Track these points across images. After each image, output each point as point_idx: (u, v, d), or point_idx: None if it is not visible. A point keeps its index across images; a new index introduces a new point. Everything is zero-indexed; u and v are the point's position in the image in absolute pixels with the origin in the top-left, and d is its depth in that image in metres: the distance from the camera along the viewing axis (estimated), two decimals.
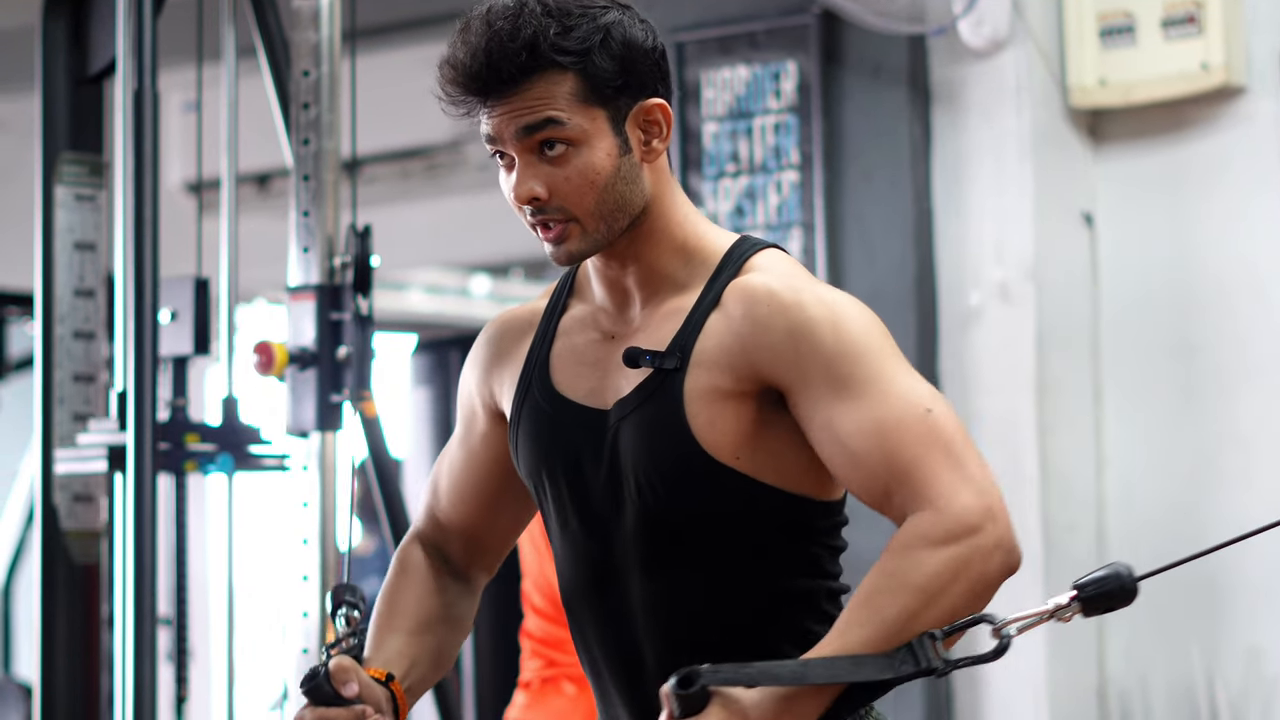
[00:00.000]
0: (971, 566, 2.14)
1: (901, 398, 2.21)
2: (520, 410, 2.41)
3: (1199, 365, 4.61)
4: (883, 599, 2.13)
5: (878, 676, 2.11)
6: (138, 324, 3.73)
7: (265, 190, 6.89)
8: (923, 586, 2.13)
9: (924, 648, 2.11)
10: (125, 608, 3.70)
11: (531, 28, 2.25)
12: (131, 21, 3.81)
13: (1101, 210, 4.73)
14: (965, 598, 2.14)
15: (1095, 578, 2.12)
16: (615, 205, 2.30)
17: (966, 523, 2.15)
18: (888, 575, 2.14)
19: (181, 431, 3.94)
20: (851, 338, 2.24)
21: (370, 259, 3.87)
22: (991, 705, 4.68)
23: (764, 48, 4.87)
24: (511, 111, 2.27)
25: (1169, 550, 4.63)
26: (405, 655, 2.42)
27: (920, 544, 2.14)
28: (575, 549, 2.39)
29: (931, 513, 2.16)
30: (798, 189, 4.82)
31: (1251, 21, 4.55)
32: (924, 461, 2.18)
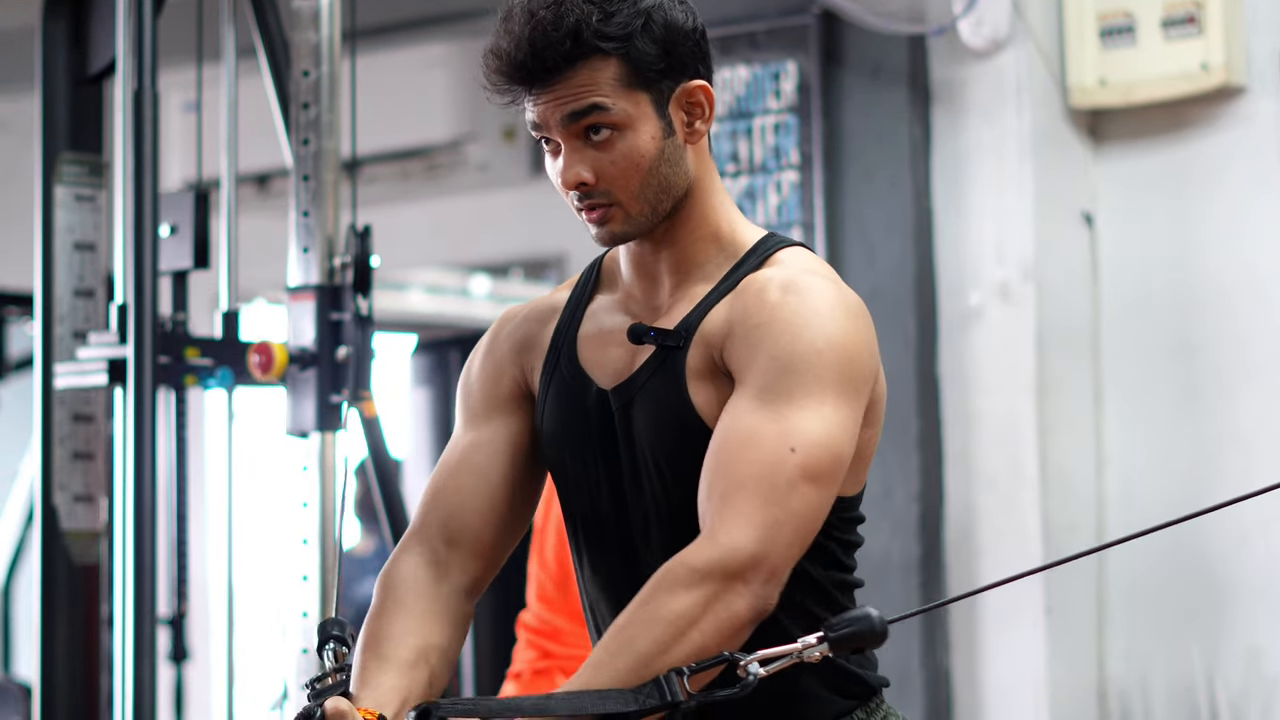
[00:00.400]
0: (724, 612, 2.16)
1: (788, 427, 2.22)
2: (548, 387, 2.43)
3: (1199, 365, 4.61)
4: (635, 631, 2.16)
5: (621, 709, 2.12)
6: (137, 237, 3.72)
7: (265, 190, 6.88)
8: (671, 621, 2.15)
9: (670, 682, 2.12)
10: (125, 608, 3.70)
11: (575, 15, 2.27)
12: (131, 21, 3.81)
13: (1101, 210, 4.73)
14: (713, 638, 2.16)
15: (846, 618, 2.13)
16: (660, 187, 2.33)
17: (728, 564, 2.17)
18: (642, 605, 2.17)
19: (181, 345, 3.91)
20: (803, 351, 2.24)
21: (370, 259, 3.87)
22: (991, 705, 4.68)
23: (764, 48, 4.87)
24: (557, 99, 2.29)
25: (1168, 550, 4.64)
26: (398, 692, 2.32)
27: (677, 576, 2.17)
28: (588, 530, 2.41)
29: (706, 543, 2.19)
30: (798, 189, 4.82)
31: (1251, 22, 4.55)
32: (741, 493, 2.20)
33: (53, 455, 4.00)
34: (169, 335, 3.90)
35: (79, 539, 3.99)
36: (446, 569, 2.44)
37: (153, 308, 3.73)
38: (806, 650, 2.13)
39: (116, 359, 3.79)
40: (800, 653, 2.13)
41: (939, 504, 4.73)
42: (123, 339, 3.77)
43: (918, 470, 4.69)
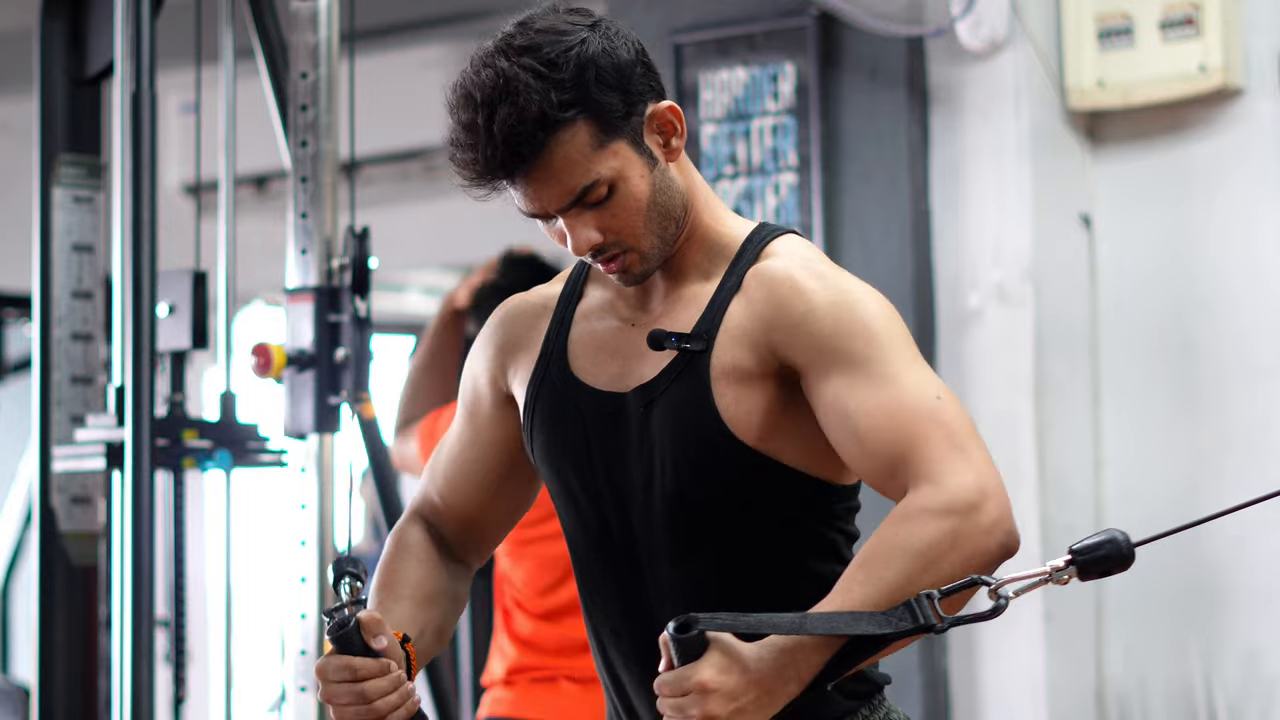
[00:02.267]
0: (970, 540, 2.16)
1: (911, 382, 2.25)
2: (537, 395, 2.43)
3: (1197, 366, 4.61)
4: (881, 563, 2.15)
5: (875, 631, 2.12)
6: (135, 319, 3.73)
7: (263, 192, 6.89)
8: (921, 552, 2.15)
9: (922, 606, 2.12)
10: (123, 609, 3.70)
11: (535, 101, 2.26)
12: (130, 23, 3.81)
13: (1100, 211, 4.73)
14: (962, 569, 2.15)
15: (1092, 543, 2.14)
16: (662, 217, 2.34)
17: (966, 499, 2.17)
18: (886, 541, 2.17)
19: (179, 428, 3.93)
20: (866, 321, 2.27)
21: (368, 260, 3.87)
22: (990, 706, 4.68)
23: (762, 49, 4.87)
24: (544, 185, 2.30)
25: (1167, 550, 4.64)
26: (414, 622, 2.43)
27: (919, 514, 2.17)
28: (593, 536, 2.40)
29: (931, 487, 2.18)
30: (796, 191, 4.82)
31: (1250, 23, 4.55)
32: (927, 443, 2.21)
33: (50, 457, 4.00)
34: (167, 418, 3.91)
35: (77, 541, 3.99)
36: (447, 545, 2.54)
37: (150, 391, 3.72)
38: (1056, 574, 2.14)
39: (114, 442, 3.79)
40: (1050, 575, 2.15)
41: None
42: (120, 422, 3.76)
43: None
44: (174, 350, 3.99)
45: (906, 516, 2.17)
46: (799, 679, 2.13)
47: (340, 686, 2.30)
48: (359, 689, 2.29)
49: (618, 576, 2.38)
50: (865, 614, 2.12)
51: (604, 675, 2.44)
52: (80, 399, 4.04)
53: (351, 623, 2.29)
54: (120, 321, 3.76)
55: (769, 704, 2.12)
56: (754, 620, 2.13)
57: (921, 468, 2.20)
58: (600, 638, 2.43)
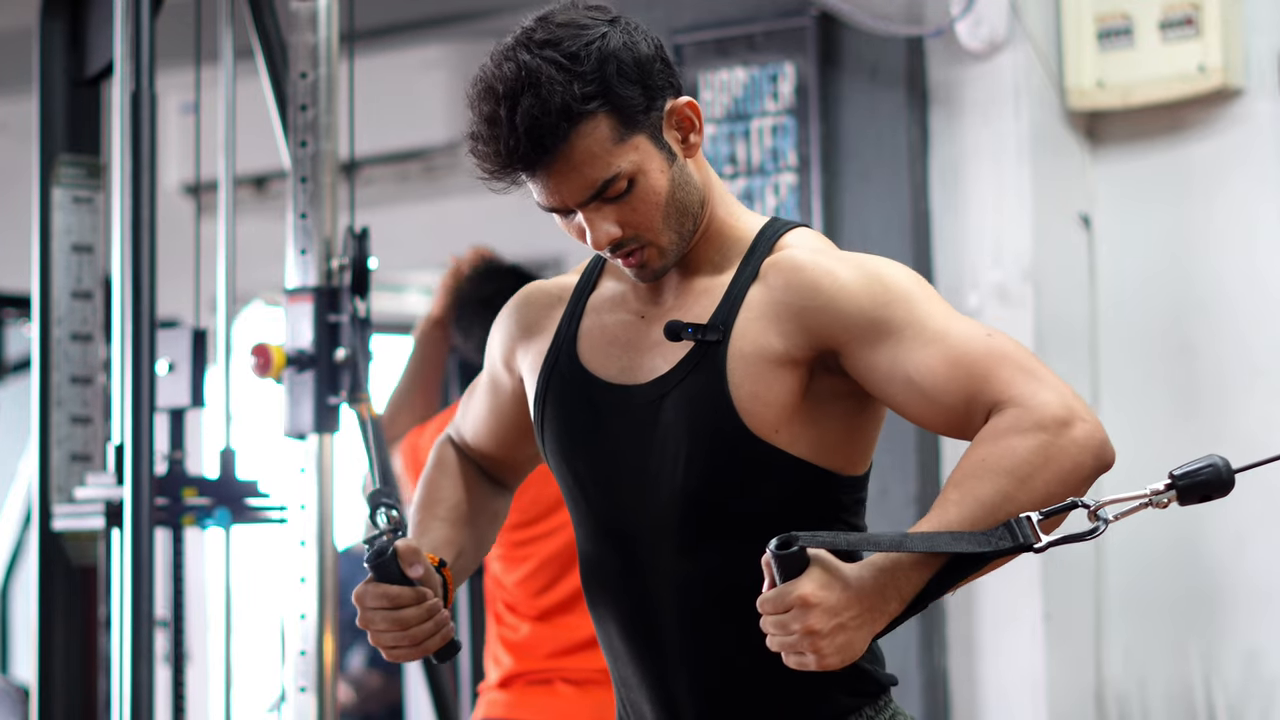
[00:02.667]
0: (1064, 454, 2.18)
1: (960, 330, 2.28)
2: (547, 387, 2.45)
3: (1197, 366, 4.61)
4: (975, 483, 2.16)
5: (974, 549, 2.13)
6: (135, 377, 3.71)
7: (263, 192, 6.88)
8: (1013, 469, 2.16)
9: (1021, 526, 2.13)
10: (122, 610, 3.70)
11: (558, 93, 2.27)
12: (129, 23, 3.81)
13: (1099, 212, 4.73)
14: (1057, 485, 2.17)
15: (1192, 467, 2.15)
16: (680, 212, 2.35)
17: (1054, 415, 2.19)
18: (979, 460, 2.17)
19: (179, 485, 3.94)
20: (898, 288, 2.30)
21: (368, 261, 3.86)
22: (990, 706, 4.68)
23: (762, 50, 4.87)
24: (564, 180, 2.31)
25: (1167, 552, 4.64)
26: (452, 543, 2.52)
27: (1007, 433, 2.18)
28: (600, 530, 2.41)
29: (1014, 409, 2.20)
30: (795, 191, 4.82)
31: (1249, 23, 4.55)
32: (997, 376, 2.23)
33: (50, 457, 4.00)
34: (167, 476, 3.91)
35: (77, 541, 3.98)
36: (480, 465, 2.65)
37: (149, 449, 3.71)
38: (1155, 497, 2.16)
39: (114, 501, 3.79)
40: (1150, 499, 2.16)
41: None
42: (120, 480, 3.76)
43: (915, 471, 4.69)
44: (173, 408, 3.99)
45: (996, 436, 2.18)
46: (900, 597, 2.14)
47: (377, 614, 2.38)
48: (396, 616, 2.37)
49: (623, 569, 2.39)
50: (965, 533, 2.13)
51: (611, 668, 2.45)
52: (80, 399, 4.04)
53: (389, 551, 2.37)
54: (120, 379, 3.74)
55: (870, 622, 2.13)
56: (855, 538, 2.15)
57: (999, 397, 2.21)
58: (606, 631, 2.44)
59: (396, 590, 2.38)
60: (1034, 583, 4.58)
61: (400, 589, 2.38)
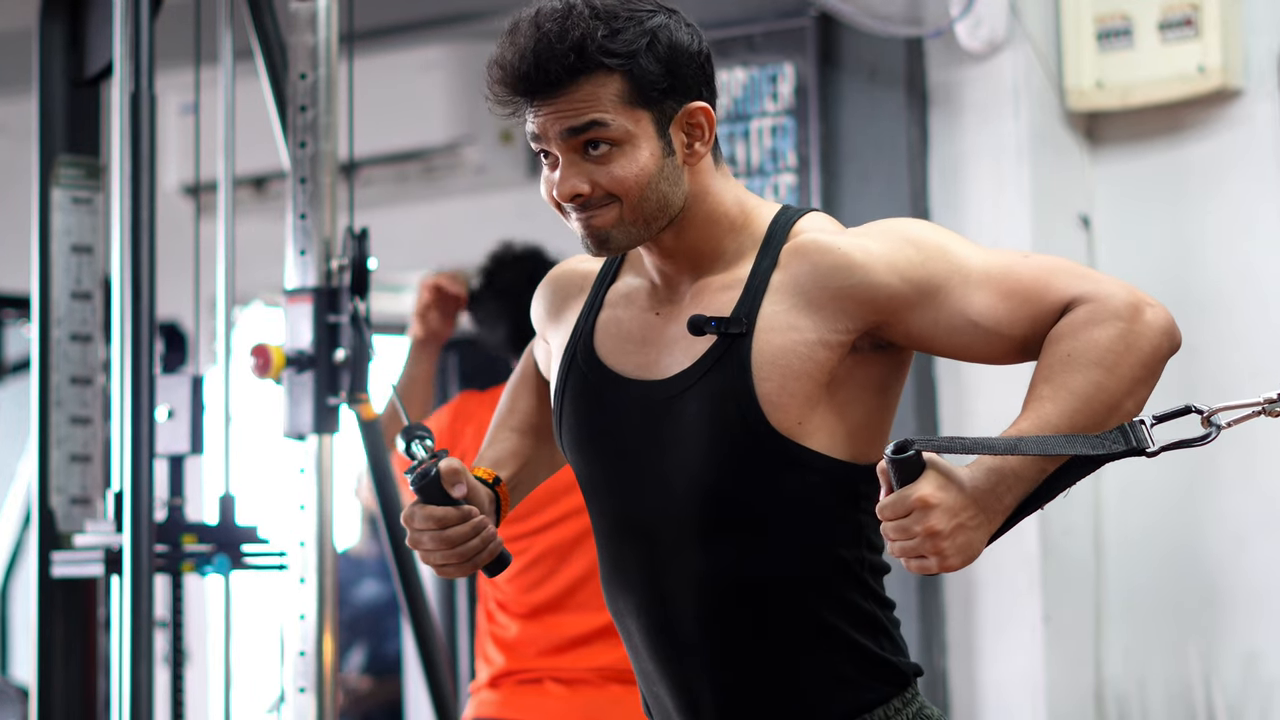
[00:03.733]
0: (1143, 339, 2.22)
1: (1001, 260, 2.30)
2: (565, 382, 2.46)
3: (1196, 367, 4.61)
4: (1065, 375, 2.19)
5: (1090, 451, 2.16)
6: (135, 424, 3.70)
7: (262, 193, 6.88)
8: (1099, 360, 2.20)
9: (1135, 429, 2.19)
10: (122, 611, 3.70)
11: (580, 30, 2.29)
12: (129, 24, 3.81)
13: (1099, 212, 4.73)
14: (1141, 369, 2.22)
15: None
16: (656, 205, 2.35)
17: (1126, 302, 2.22)
18: (1063, 354, 2.20)
19: (178, 532, 3.92)
20: (929, 241, 2.31)
21: (367, 261, 3.86)
22: (989, 707, 4.68)
23: (761, 50, 4.87)
24: (558, 112, 2.31)
25: (1167, 553, 4.64)
26: (518, 454, 2.57)
27: (1087, 325, 2.21)
28: (618, 525, 2.42)
29: (1086, 305, 2.23)
30: (795, 191, 4.82)
31: (1249, 24, 4.55)
32: (1054, 285, 2.25)
33: (50, 458, 4.00)
34: (166, 523, 3.90)
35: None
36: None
37: (149, 496, 3.70)
38: (1269, 405, 2.21)
39: (113, 548, 3.78)
40: (1264, 406, 2.21)
41: None
42: (119, 528, 3.75)
43: None
44: (172, 455, 3.99)
45: (1074, 329, 2.22)
46: (1013, 496, 2.17)
47: (425, 534, 2.42)
48: (442, 535, 2.41)
49: (642, 564, 2.39)
50: (1079, 436, 2.16)
51: (633, 661, 2.45)
52: (79, 400, 4.04)
53: (433, 473, 2.40)
54: (119, 424, 3.74)
55: (986, 523, 2.16)
56: (970, 441, 2.17)
57: (1065, 300, 2.24)
58: (625, 625, 2.44)
59: (442, 511, 2.41)
60: (1033, 584, 4.58)
61: (445, 509, 2.41)
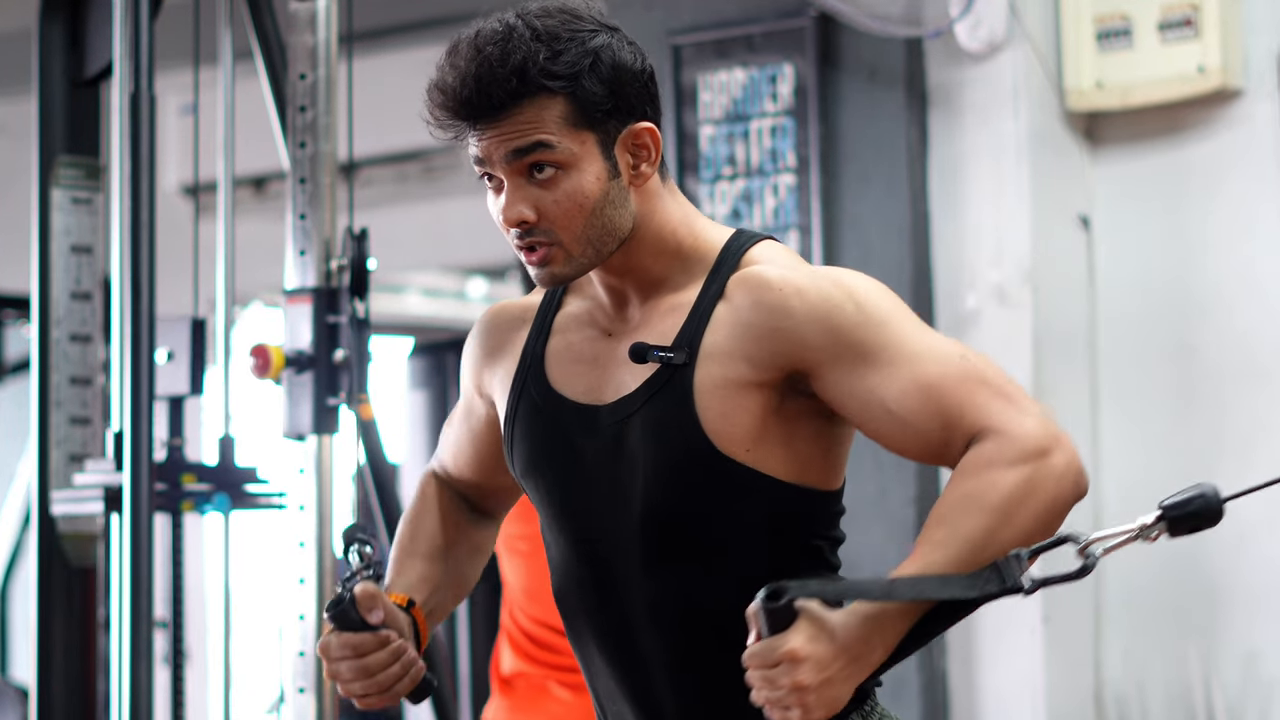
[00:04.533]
0: (1044, 486, 2.13)
1: (934, 352, 2.24)
2: (515, 409, 2.41)
3: (1196, 367, 4.61)
4: (960, 519, 2.13)
5: (964, 594, 2.10)
6: (134, 365, 3.71)
7: (262, 193, 6.89)
8: (998, 506, 2.12)
9: (1009, 566, 2.10)
10: (121, 611, 3.70)
11: (521, 53, 2.25)
12: (128, 24, 3.81)
13: (1098, 213, 4.73)
14: (1040, 518, 2.13)
15: (1181, 499, 2.10)
16: (603, 229, 2.30)
17: (1036, 445, 2.14)
18: (962, 496, 2.14)
19: (178, 472, 3.94)
20: (872, 307, 2.26)
21: (367, 262, 3.87)
22: (989, 708, 4.68)
23: (761, 50, 4.87)
24: (501, 135, 2.28)
25: (1166, 555, 4.63)
26: (428, 580, 2.48)
27: (990, 466, 2.14)
28: (573, 549, 2.38)
29: (996, 439, 2.15)
30: (794, 192, 4.82)
31: (1248, 24, 4.55)
32: (974, 401, 2.18)
33: (50, 458, 4.00)
34: (165, 462, 3.91)
35: (75, 542, 3.98)
36: (466, 495, 2.60)
37: (149, 435, 3.72)
38: (1145, 531, 2.11)
39: (112, 487, 3.79)
40: (1139, 532, 2.11)
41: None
42: (119, 466, 3.76)
43: (914, 473, 4.69)
44: (172, 396, 4.00)
45: (978, 469, 2.14)
46: (885, 646, 2.12)
47: (343, 664, 2.35)
48: (360, 664, 2.34)
49: (598, 587, 2.36)
50: (953, 577, 2.10)
51: (591, 688, 2.43)
52: (79, 400, 4.04)
53: (347, 599, 2.33)
54: (119, 366, 3.75)
55: (856, 673, 2.11)
56: (843, 587, 2.12)
57: (978, 424, 2.17)
58: (584, 647, 2.41)
59: (359, 638, 2.33)
60: None
61: (362, 636, 2.33)
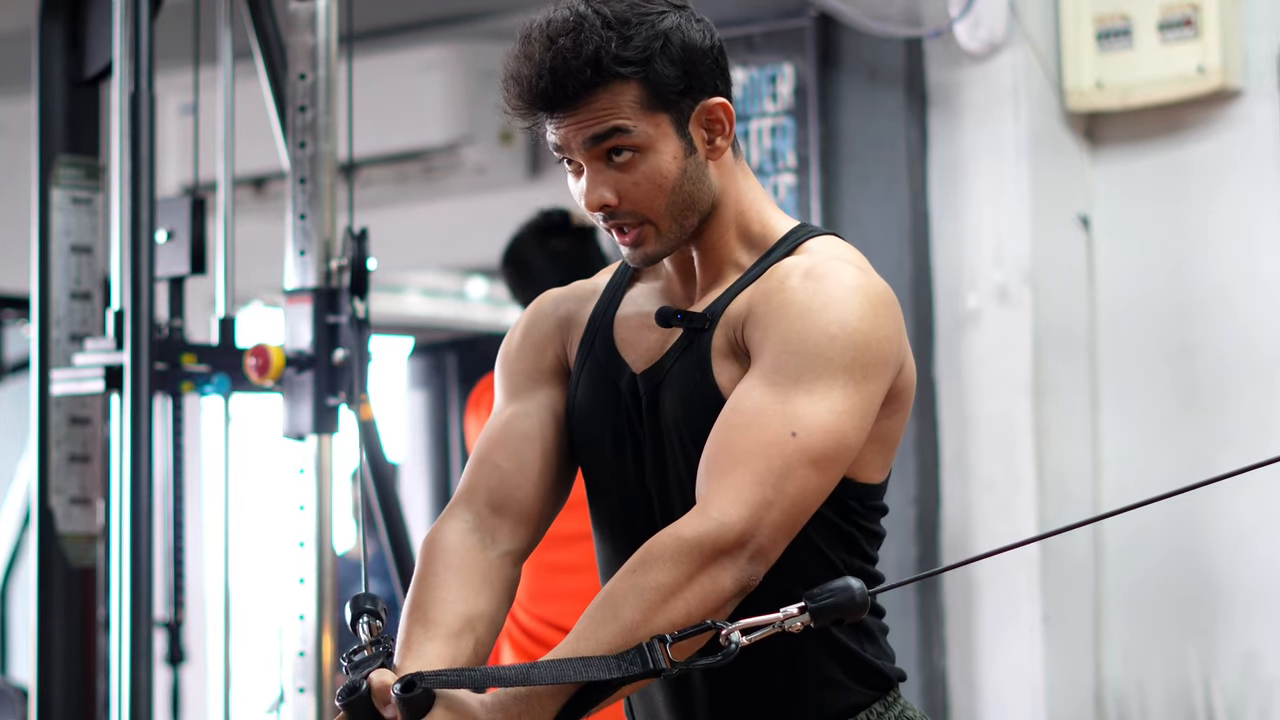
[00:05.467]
0: (707, 578, 2.17)
1: (792, 410, 2.24)
2: (582, 368, 2.45)
3: (1196, 367, 4.61)
4: (620, 599, 2.17)
5: (604, 677, 2.13)
6: (134, 244, 3.72)
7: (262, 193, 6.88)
8: (658, 590, 2.16)
9: (653, 650, 2.13)
10: (121, 611, 3.70)
11: (594, 43, 2.29)
12: (128, 24, 3.81)
13: (1098, 213, 4.73)
14: (698, 606, 2.17)
15: (827, 589, 2.13)
16: (685, 205, 2.35)
17: (716, 539, 2.18)
18: (629, 574, 2.19)
19: (178, 351, 3.91)
20: (815, 337, 2.27)
21: (367, 262, 3.87)
22: (988, 707, 4.68)
23: (761, 51, 4.87)
24: (578, 123, 2.32)
25: (1165, 553, 4.64)
26: (444, 660, 2.31)
27: (665, 549, 2.18)
28: (620, 510, 2.42)
29: (697, 517, 2.20)
30: (795, 192, 4.82)
31: (1248, 24, 4.55)
32: (738, 470, 2.21)
33: (49, 458, 4.00)
34: (166, 341, 3.90)
35: (75, 542, 3.98)
36: (493, 535, 2.43)
37: (149, 314, 3.73)
38: (788, 620, 2.14)
39: (113, 365, 3.79)
40: (781, 622, 2.14)
41: (936, 507, 4.73)
42: (119, 345, 3.76)
43: (914, 473, 4.69)
44: (173, 276, 3.99)
45: (654, 547, 2.19)
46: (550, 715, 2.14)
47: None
48: None
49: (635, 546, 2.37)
50: (596, 659, 2.13)
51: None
52: (78, 400, 4.04)
53: (363, 688, 2.21)
54: (119, 245, 3.76)
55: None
56: (478, 674, 2.14)
57: (711, 491, 2.22)
58: None
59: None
60: (1033, 584, 4.58)
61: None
